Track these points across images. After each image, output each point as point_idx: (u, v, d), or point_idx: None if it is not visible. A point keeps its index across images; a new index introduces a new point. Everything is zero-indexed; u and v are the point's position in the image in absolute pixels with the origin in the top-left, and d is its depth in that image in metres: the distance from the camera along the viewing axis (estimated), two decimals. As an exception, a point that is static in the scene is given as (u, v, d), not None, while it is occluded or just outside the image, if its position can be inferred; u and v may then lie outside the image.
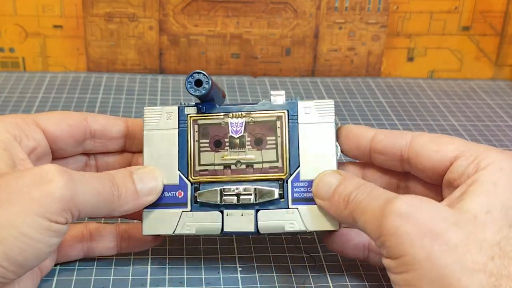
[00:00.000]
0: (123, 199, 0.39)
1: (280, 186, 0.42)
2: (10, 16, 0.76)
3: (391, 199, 0.36)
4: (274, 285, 0.44)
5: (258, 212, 0.41)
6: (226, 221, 0.41)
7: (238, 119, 0.43)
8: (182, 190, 0.42)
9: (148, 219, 0.42)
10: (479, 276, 0.33)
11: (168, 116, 0.43)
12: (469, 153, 0.39)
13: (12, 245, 0.34)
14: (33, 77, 0.77)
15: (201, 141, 0.43)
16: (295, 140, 0.42)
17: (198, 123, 0.43)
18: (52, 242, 0.36)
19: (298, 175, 0.42)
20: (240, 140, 0.42)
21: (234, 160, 0.42)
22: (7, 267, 0.35)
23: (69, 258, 0.44)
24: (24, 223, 0.34)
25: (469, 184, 0.37)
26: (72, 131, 0.43)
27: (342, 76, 0.82)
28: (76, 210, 0.37)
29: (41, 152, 0.42)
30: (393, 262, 0.35)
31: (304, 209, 0.41)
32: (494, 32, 0.82)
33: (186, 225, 0.42)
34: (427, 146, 0.41)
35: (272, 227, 0.41)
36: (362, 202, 0.38)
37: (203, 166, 0.42)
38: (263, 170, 0.42)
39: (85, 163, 0.46)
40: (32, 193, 0.35)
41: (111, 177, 0.39)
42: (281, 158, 0.42)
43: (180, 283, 0.43)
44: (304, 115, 0.42)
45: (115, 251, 0.45)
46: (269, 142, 0.42)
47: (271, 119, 0.43)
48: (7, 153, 0.39)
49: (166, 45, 0.79)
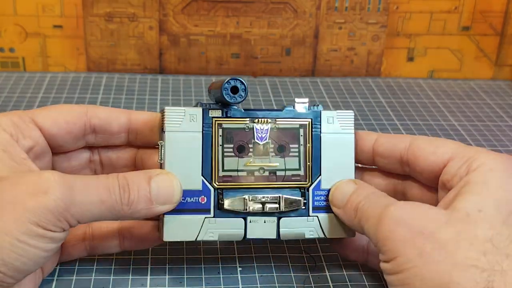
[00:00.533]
0: (133, 207, 0.38)
1: (302, 194, 0.42)
2: (10, 16, 0.76)
3: (387, 205, 0.37)
4: (274, 285, 0.44)
5: (280, 219, 0.42)
6: (249, 228, 0.41)
7: (263, 125, 0.42)
8: (205, 196, 0.41)
9: (169, 225, 0.41)
10: (471, 271, 0.34)
11: (192, 118, 0.41)
12: (462, 155, 0.39)
13: (9, 251, 0.35)
14: (33, 77, 0.77)
15: (225, 145, 0.42)
16: (318, 149, 0.42)
17: (223, 127, 0.42)
18: (48, 248, 0.36)
19: (319, 183, 0.42)
20: (264, 147, 0.42)
21: (258, 167, 0.42)
22: (5, 272, 0.35)
23: (72, 257, 0.44)
24: (19, 230, 0.35)
25: (461, 185, 0.38)
26: (70, 128, 0.42)
27: (342, 76, 0.82)
28: (73, 219, 0.36)
29: (40, 150, 0.42)
30: (388, 265, 0.36)
31: (323, 217, 0.42)
32: (494, 32, 0.82)
33: (209, 231, 0.41)
34: (424, 148, 0.42)
35: (293, 234, 0.42)
36: (368, 209, 0.39)
37: (227, 172, 0.42)
38: (286, 178, 0.42)
39: (89, 159, 0.45)
40: (26, 202, 0.35)
41: (124, 182, 0.38)
42: (303, 167, 0.42)
43: (180, 283, 0.43)
44: (326, 125, 0.43)
45: (118, 249, 0.45)
46: (292, 150, 0.42)
47: (295, 127, 0.43)
48: (6, 154, 0.38)
49: (166, 45, 0.79)
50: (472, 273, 0.34)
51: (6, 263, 0.35)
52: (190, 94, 0.74)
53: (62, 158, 0.44)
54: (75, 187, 0.36)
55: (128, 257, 0.46)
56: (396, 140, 0.43)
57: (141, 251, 0.46)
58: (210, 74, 0.80)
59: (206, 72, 0.80)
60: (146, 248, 0.46)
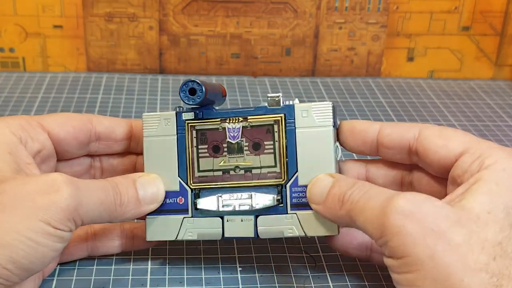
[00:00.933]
0: (125, 207, 0.40)
1: (279, 192, 0.42)
2: (10, 16, 0.76)
3: (392, 197, 0.35)
4: (274, 285, 0.44)
5: (257, 217, 0.42)
6: (227, 226, 0.42)
7: (235, 124, 0.42)
8: (183, 197, 0.42)
9: (151, 225, 0.43)
10: (481, 276, 0.33)
11: (167, 122, 0.43)
12: (474, 150, 0.38)
13: (18, 249, 0.35)
14: (33, 77, 0.77)
15: (200, 147, 0.42)
16: (293, 145, 0.41)
17: (196, 128, 0.43)
18: (56, 247, 0.36)
19: (296, 180, 0.41)
20: (238, 145, 0.42)
21: (233, 166, 0.42)
22: (12, 270, 0.35)
23: (73, 257, 0.44)
24: (29, 228, 0.35)
25: (471, 182, 0.37)
26: (76, 133, 0.43)
27: (342, 76, 0.82)
28: (80, 220, 0.37)
29: (46, 154, 0.42)
30: (395, 262, 0.35)
31: (302, 215, 0.41)
32: (494, 32, 0.82)
33: (188, 231, 0.42)
34: (434, 140, 0.40)
35: (271, 232, 0.42)
36: (360, 200, 0.37)
37: (202, 172, 0.42)
38: (262, 175, 0.42)
39: (90, 165, 0.46)
40: (37, 200, 0.35)
41: (114, 185, 0.40)
42: (279, 163, 0.42)
43: (180, 283, 0.43)
44: (301, 119, 0.41)
45: (119, 249, 0.45)
46: (266, 147, 0.42)
47: (268, 123, 0.42)
48: (12, 156, 0.39)
49: (166, 45, 0.79)
50: (482, 277, 0.33)
51: (14, 261, 0.35)
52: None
53: (64, 165, 0.45)
54: (80, 187, 0.37)
55: (128, 257, 0.46)
56: (402, 130, 0.42)
57: (141, 251, 0.46)
58: (210, 74, 0.80)
59: (206, 72, 0.80)
60: (147, 248, 0.46)
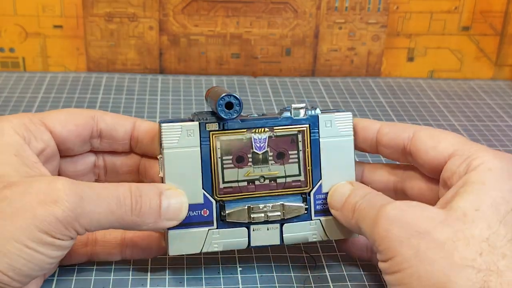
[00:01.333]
0: (142, 219, 0.38)
1: (304, 199, 0.42)
2: (10, 16, 0.76)
3: (383, 205, 0.37)
4: (274, 285, 0.44)
5: (283, 225, 0.42)
6: (253, 236, 0.42)
7: (261, 134, 0.42)
8: (207, 209, 0.42)
9: (174, 239, 0.41)
10: (468, 272, 0.33)
11: (189, 133, 0.41)
12: (462, 152, 0.39)
13: (17, 257, 0.35)
14: (33, 77, 0.77)
15: (224, 157, 0.42)
16: (317, 154, 0.43)
17: (220, 139, 0.42)
18: (55, 255, 0.37)
19: (320, 187, 0.43)
20: (263, 156, 0.42)
21: (258, 176, 0.42)
22: (13, 277, 0.35)
23: (72, 261, 0.44)
24: (28, 238, 0.35)
25: (460, 185, 0.38)
26: (79, 131, 0.43)
27: (342, 76, 0.82)
28: (82, 229, 0.37)
29: (50, 153, 0.42)
30: (386, 264, 0.36)
31: (326, 220, 0.43)
32: (494, 32, 0.82)
33: (213, 243, 0.42)
34: (425, 142, 0.41)
35: (296, 239, 0.43)
36: (364, 209, 0.39)
37: (227, 183, 0.42)
38: (286, 184, 0.42)
39: (94, 164, 0.45)
40: (36, 210, 0.35)
41: (138, 193, 0.38)
42: (303, 172, 0.42)
43: (180, 283, 0.43)
44: (324, 129, 0.43)
45: (118, 257, 0.44)
46: (291, 157, 0.43)
47: (293, 133, 0.43)
48: (18, 158, 0.38)
49: (166, 45, 0.79)
50: (469, 273, 0.33)
51: (14, 268, 0.35)
52: (190, 94, 0.74)
53: (68, 162, 0.44)
54: (85, 197, 0.36)
55: (128, 257, 0.46)
56: (399, 130, 0.43)
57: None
58: (210, 74, 0.80)
59: (206, 72, 0.80)
60: (147, 258, 0.45)
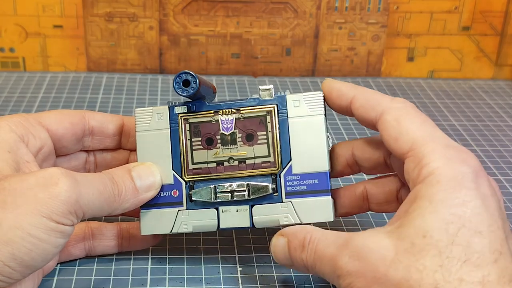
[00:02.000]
0: (123, 197, 0.40)
1: (273, 181, 0.42)
2: (10, 16, 0.76)
3: (335, 259, 0.36)
4: (274, 285, 0.44)
5: (252, 207, 0.42)
6: (222, 217, 0.42)
7: (228, 116, 0.43)
8: (177, 189, 0.43)
9: (146, 219, 0.43)
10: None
11: (159, 116, 0.43)
12: (417, 152, 0.37)
13: (20, 245, 0.35)
14: (33, 77, 0.77)
15: (193, 139, 0.43)
16: (286, 134, 0.42)
17: (189, 121, 0.43)
18: (58, 243, 0.36)
19: (290, 168, 0.42)
20: (231, 137, 0.43)
21: (227, 157, 0.43)
22: (14, 267, 0.35)
23: (71, 257, 0.44)
24: (31, 224, 0.35)
25: (411, 200, 0.36)
26: (74, 129, 0.44)
27: (342, 76, 0.82)
28: (81, 212, 0.37)
29: (47, 151, 0.43)
30: None
31: (297, 202, 0.42)
32: (494, 32, 0.82)
33: (183, 223, 0.42)
34: (389, 130, 0.39)
35: (267, 221, 0.42)
36: (316, 264, 0.38)
37: (197, 164, 0.43)
38: (256, 165, 0.43)
39: (85, 160, 0.46)
40: (37, 195, 0.35)
41: (110, 176, 0.40)
42: (272, 153, 0.42)
43: (180, 283, 0.43)
44: (293, 109, 0.43)
45: (116, 249, 0.45)
46: (260, 137, 0.43)
47: (261, 114, 0.43)
48: (11, 155, 0.39)
49: (166, 45, 0.79)
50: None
51: (15, 257, 0.35)
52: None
53: (63, 160, 0.45)
54: (79, 180, 0.37)
55: (128, 257, 0.46)
56: (369, 107, 0.40)
57: (141, 251, 0.46)
58: (210, 74, 0.80)
59: (206, 72, 0.80)
60: (143, 248, 0.46)
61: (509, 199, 0.56)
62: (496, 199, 0.36)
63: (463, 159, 0.36)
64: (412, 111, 0.39)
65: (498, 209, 0.35)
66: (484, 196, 0.35)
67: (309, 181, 0.42)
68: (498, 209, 0.35)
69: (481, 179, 0.35)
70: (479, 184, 0.35)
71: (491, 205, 0.35)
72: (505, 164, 0.62)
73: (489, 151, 0.64)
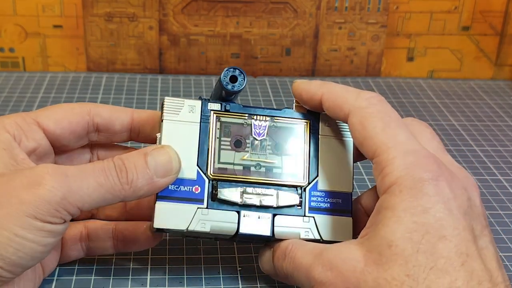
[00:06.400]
0: (134, 185, 0.38)
1: (299, 194, 0.42)
2: (10, 16, 0.76)
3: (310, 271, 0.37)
4: (274, 285, 0.44)
5: (275, 216, 0.41)
6: (243, 222, 0.41)
7: (262, 121, 0.43)
8: (199, 186, 0.41)
9: (161, 212, 0.40)
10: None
11: (191, 109, 0.42)
12: (380, 158, 0.37)
13: (6, 246, 0.34)
14: (33, 77, 0.77)
15: (223, 139, 0.42)
16: (315, 151, 0.43)
17: (220, 120, 0.42)
18: (47, 242, 0.36)
19: (316, 184, 0.42)
20: (261, 143, 0.42)
21: (255, 162, 0.42)
22: (3, 266, 0.35)
23: (70, 258, 0.44)
24: (15, 224, 0.35)
25: (378, 210, 0.36)
26: (73, 128, 0.43)
27: (342, 76, 0.82)
28: (73, 208, 0.36)
29: (43, 152, 0.42)
30: None
31: (320, 218, 0.42)
32: (494, 32, 0.82)
33: (200, 221, 0.40)
34: (355, 134, 0.39)
35: (288, 233, 0.41)
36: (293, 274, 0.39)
37: (223, 164, 0.42)
38: (283, 175, 0.42)
39: (89, 159, 0.46)
40: (22, 195, 0.35)
41: (120, 163, 0.38)
42: (300, 167, 0.42)
43: (180, 283, 0.43)
44: (324, 127, 0.43)
45: (112, 250, 0.44)
46: (289, 149, 0.42)
47: (293, 126, 0.43)
48: (7, 152, 0.39)
49: (166, 45, 0.79)
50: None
51: (3, 258, 0.35)
52: (190, 94, 0.74)
53: (64, 158, 0.45)
54: (70, 174, 0.36)
55: (128, 257, 0.46)
56: (337, 107, 0.40)
57: (141, 251, 0.46)
58: (210, 74, 0.80)
59: (206, 72, 0.80)
60: (138, 250, 0.45)
61: (509, 199, 0.56)
62: (462, 200, 0.36)
63: (423, 165, 0.36)
64: (375, 111, 0.39)
65: (462, 211, 0.35)
66: (446, 199, 0.35)
67: (333, 199, 0.42)
68: (463, 210, 0.35)
69: (442, 183, 0.35)
70: (440, 189, 0.35)
71: (454, 207, 0.35)
72: (505, 164, 0.62)
73: (489, 151, 0.64)
